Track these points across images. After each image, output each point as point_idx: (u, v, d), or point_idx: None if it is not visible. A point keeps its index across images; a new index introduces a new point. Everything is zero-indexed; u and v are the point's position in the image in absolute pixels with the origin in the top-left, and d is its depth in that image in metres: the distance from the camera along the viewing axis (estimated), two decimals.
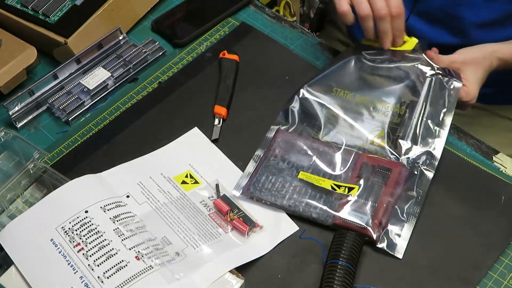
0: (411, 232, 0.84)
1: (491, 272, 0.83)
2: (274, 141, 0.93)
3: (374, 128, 0.93)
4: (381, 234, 0.84)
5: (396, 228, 0.85)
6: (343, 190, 0.86)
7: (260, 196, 0.88)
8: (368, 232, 0.83)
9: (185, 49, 1.10)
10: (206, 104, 1.00)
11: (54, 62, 1.07)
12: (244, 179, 0.90)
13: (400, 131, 0.91)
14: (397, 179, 0.88)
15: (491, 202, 0.88)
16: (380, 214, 0.85)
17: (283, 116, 0.96)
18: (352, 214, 0.85)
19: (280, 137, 0.94)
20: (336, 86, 0.96)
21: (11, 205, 0.89)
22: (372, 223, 0.83)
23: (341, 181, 0.88)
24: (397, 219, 0.85)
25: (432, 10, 1.07)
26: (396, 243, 0.84)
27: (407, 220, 0.85)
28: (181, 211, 0.87)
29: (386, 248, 0.83)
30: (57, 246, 0.80)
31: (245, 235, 0.84)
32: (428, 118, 0.92)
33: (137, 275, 0.76)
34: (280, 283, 0.82)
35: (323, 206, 0.86)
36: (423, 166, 0.89)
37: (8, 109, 0.99)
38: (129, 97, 1.03)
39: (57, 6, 1.06)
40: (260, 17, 1.15)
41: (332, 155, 0.91)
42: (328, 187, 0.87)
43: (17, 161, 0.92)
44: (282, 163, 0.91)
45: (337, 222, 0.84)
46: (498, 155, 0.94)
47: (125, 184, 0.89)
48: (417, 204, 0.86)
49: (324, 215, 0.85)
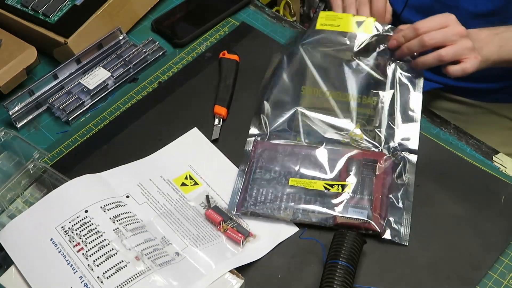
0: (410, 218, 0.85)
1: (491, 272, 0.83)
2: (255, 153, 0.92)
3: (350, 122, 0.93)
4: (383, 225, 0.84)
5: (396, 216, 0.85)
6: (337, 188, 0.87)
7: (256, 211, 0.86)
8: (372, 226, 0.83)
9: (185, 49, 1.10)
10: (206, 104, 1.00)
11: (54, 62, 1.07)
12: (236, 196, 0.89)
13: (376, 122, 0.92)
14: (385, 169, 0.88)
15: (491, 202, 0.88)
16: (378, 205, 0.85)
17: (256, 123, 0.95)
18: (352, 211, 0.85)
19: (260, 148, 0.93)
20: (302, 85, 0.96)
21: (11, 205, 0.89)
22: (373, 216, 0.84)
23: (331, 180, 0.88)
24: (394, 208, 0.85)
25: (428, 2, 1.07)
26: (400, 231, 0.84)
27: (404, 207, 0.85)
28: (181, 213, 0.87)
29: (391, 238, 0.83)
30: (57, 246, 0.80)
31: (240, 244, 0.83)
32: (400, 105, 0.93)
33: (137, 276, 0.76)
34: (280, 283, 0.82)
35: (321, 208, 0.86)
36: (405, 152, 0.90)
37: (8, 109, 0.99)
38: (129, 97, 1.03)
39: (57, 6, 1.06)
40: (260, 17, 1.15)
41: (316, 157, 0.91)
42: (321, 188, 0.87)
43: (17, 161, 0.92)
44: (269, 173, 0.90)
45: (339, 222, 0.84)
46: (498, 155, 0.94)
47: (125, 184, 0.89)
48: (409, 190, 0.87)
49: (324, 217, 0.85)
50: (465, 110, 1.18)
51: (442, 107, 1.19)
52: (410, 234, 0.85)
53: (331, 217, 0.85)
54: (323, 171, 0.89)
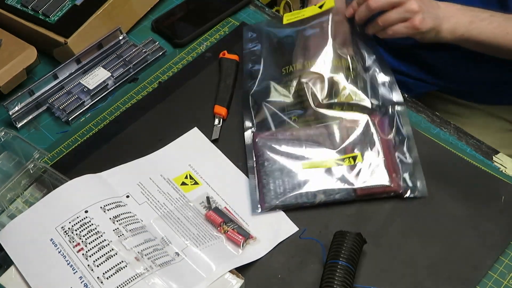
0: (421, 168, 0.86)
1: (491, 272, 0.83)
2: (257, 146, 0.92)
3: (342, 78, 0.94)
4: (401, 185, 0.85)
5: (408, 172, 0.87)
6: (348, 161, 0.87)
7: (280, 204, 0.87)
8: (393, 188, 0.84)
9: (185, 49, 1.10)
10: (206, 104, 1.00)
11: (54, 62, 1.07)
12: (254, 194, 0.88)
13: (360, 82, 0.93)
14: (382, 128, 0.90)
15: (491, 202, 0.88)
16: (391, 166, 0.86)
17: (248, 116, 0.96)
18: (371, 179, 0.85)
19: (260, 140, 0.92)
20: (284, 65, 0.97)
21: (11, 205, 0.89)
22: (392, 179, 0.84)
23: (340, 155, 0.89)
24: (404, 164, 0.87)
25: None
26: (416, 185, 0.86)
27: (413, 160, 0.87)
28: (181, 212, 0.87)
29: (412, 195, 0.85)
30: (57, 246, 0.80)
31: (240, 246, 0.83)
32: (371, 64, 0.95)
33: (137, 276, 0.76)
34: (280, 283, 0.82)
35: (341, 184, 0.86)
36: (395, 105, 0.92)
37: (8, 109, 0.99)
38: (129, 97, 1.03)
39: (57, 6, 1.06)
40: (260, 17, 1.15)
41: (318, 136, 0.91)
42: (334, 165, 0.88)
43: (17, 161, 0.92)
44: (278, 163, 0.90)
45: (361, 193, 0.85)
46: (498, 155, 0.94)
47: (125, 184, 0.89)
48: (410, 141, 0.89)
49: (345, 192, 0.86)
50: (463, 112, 1.18)
51: (439, 109, 1.19)
52: (410, 233, 0.85)
53: (351, 191, 0.86)
54: (330, 146, 0.90)
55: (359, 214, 0.87)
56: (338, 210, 0.88)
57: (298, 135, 0.92)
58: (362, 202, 0.88)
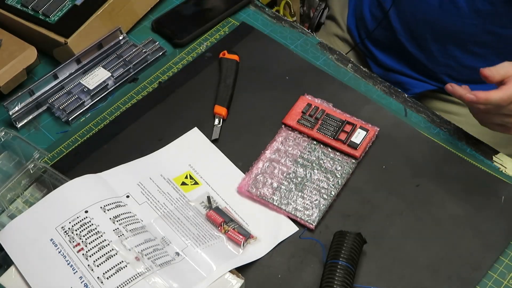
0: None
1: (491, 272, 0.83)
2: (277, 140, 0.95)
3: None
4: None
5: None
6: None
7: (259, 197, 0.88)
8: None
9: (185, 49, 1.10)
10: (206, 104, 1.00)
11: (54, 62, 1.07)
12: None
13: None
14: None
15: (491, 202, 0.88)
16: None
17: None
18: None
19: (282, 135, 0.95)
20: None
21: (11, 205, 0.89)
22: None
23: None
24: None
25: None
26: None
27: None
28: (181, 212, 0.87)
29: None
30: (57, 246, 0.80)
31: (241, 246, 0.83)
32: None
33: (137, 275, 0.76)
34: (280, 283, 0.82)
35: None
36: None
37: (8, 109, 0.99)
38: (129, 97, 1.03)
39: (57, 6, 1.06)
40: (260, 17, 1.15)
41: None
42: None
43: (17, 161, 0.92)
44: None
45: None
46: (498, 155, 0.94)
47: (125, 184, 0.89)
48: None
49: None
50: (461, 111, 1.18)
51: (438, 108, 1.19)
52: (410, 233, 0.85)
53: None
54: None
55: (359, 214, 0.87)
56: (338, 210, 0.88)
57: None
58: (362, 202, 0.88)
